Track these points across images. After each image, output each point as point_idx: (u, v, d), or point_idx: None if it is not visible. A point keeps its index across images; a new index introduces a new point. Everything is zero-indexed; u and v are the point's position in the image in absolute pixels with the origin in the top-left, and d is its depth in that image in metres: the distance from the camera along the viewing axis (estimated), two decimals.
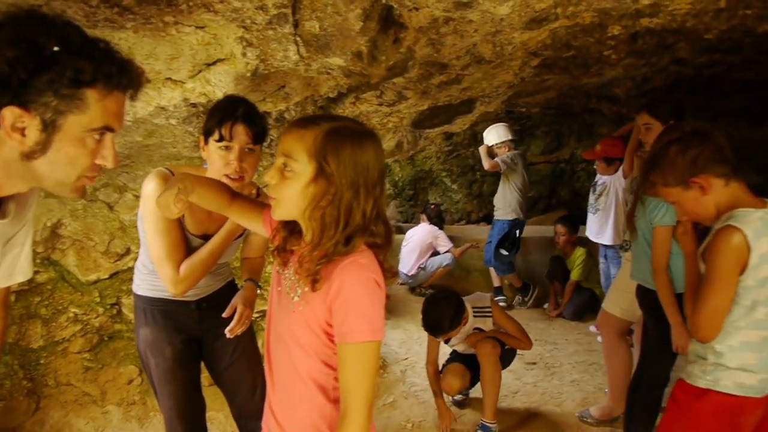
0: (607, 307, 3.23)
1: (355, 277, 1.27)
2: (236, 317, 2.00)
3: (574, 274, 5.12)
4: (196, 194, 1.58)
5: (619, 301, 3.14)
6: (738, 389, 1.64)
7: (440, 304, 3.02)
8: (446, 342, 3.20)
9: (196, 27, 1.70)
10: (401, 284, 5.59)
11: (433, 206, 5.86)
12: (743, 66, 3.31)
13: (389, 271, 1.38)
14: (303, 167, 1.25)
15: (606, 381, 3.48)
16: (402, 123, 2.92)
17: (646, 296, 2.65)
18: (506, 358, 3.22)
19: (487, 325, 3.16)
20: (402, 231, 5.86)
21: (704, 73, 3.48)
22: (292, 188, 1.26)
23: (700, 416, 1.71)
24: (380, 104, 2.60)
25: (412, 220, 6.90)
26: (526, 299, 5.49)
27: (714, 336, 1.63)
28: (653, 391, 2.70)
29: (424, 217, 5.77)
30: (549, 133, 6.10)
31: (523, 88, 3.11)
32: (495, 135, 5.23)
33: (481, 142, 5.39)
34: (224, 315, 1.99)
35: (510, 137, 5.24)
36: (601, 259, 4.46)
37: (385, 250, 1.38)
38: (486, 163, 5.26)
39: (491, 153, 5.28)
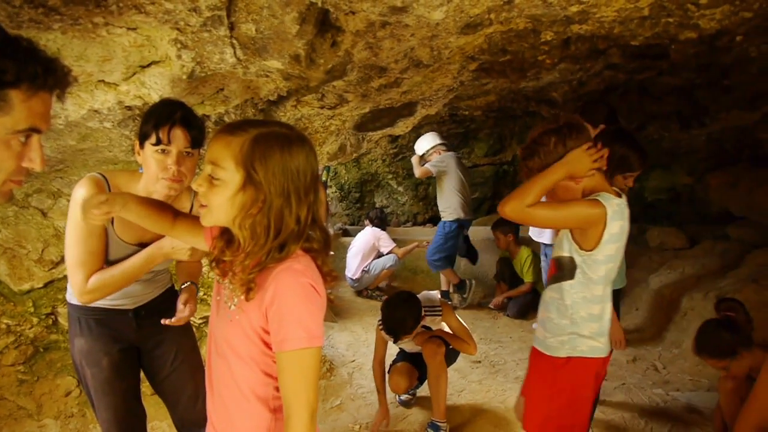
0: None
1: (290, 284, 1.26)
2: (178, 310, 1.95)
3: (528, 277, 5.21)
4: (136, 214, 1.55)
5: None
6: (591, 352, 1.91)
7: (403, 306, 3.03)
8: (394, 341, 3.22)
9: (128, 28, 1.67)
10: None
11: (375, 209, 5.91)
12: (672, 71, 3.46)
13: (329, 275, 1.37)
14: (231, 175, 1.23)
15: None
16: (344, 126, 2.93)
17: None
18: (450, 356, 3.25)
19: (435, 324, 3.19)
20: (349, 234, 5.86)
21: (636, 77, 3.62)
22: (221, 196, 1.24)
23: (564, 381, 1.94)
24: (322, 107, 2.60)
25: (359, 223, 6.92)
26: (464, 296, 5.54)
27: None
28: None
29: (368, 221, 5.81)
30: (492, 135, 6.23)
31: (464, 91, 3.17)
32: (424, 143, 5.30)
33: None
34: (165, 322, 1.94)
35: (439, 141, 5.29)
36: (543, 258, 4.57)
37: (323, 254, 1.37)
38: (417, 171, 5.35)
39: (424, 162, 5.36)
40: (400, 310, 3.02)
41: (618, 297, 2.72)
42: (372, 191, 7.16)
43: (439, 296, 3.44)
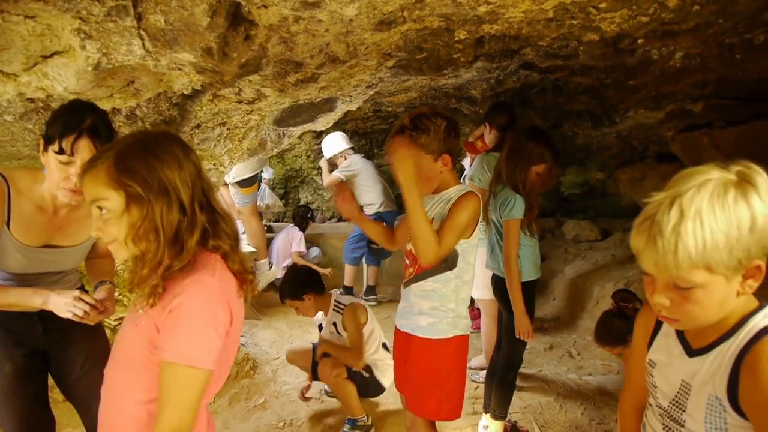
0: (476, 296, 3.60)
1: (194, 295, 1.23)
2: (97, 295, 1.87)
3: None
4: None
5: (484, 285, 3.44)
6: (466, 329, 2.13)
7: (294, 275, 3.25)
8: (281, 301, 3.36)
9: (26, 16, 1.59)
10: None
11: (300, 206, 5.88)
12: (583, 72, 3.62)
13: (244, 276, 1.36)
14: (114, 202, 1.23)
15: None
16: (264, 121, 2.90)
17: (498, 284, 2.84)
18: (368, 387, 3.29)
19: (339, 321, 3.24)
20: (272, 231, 5.80)
21: (550, 77, 3.75)
22: (117, 225, 1.24)
23: (452, 359, 2.12)
24: (239, 102, 2.57)
25: (284, 220, 6.84)
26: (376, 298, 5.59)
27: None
28: (508, 372, 2.91)
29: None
30: None
31: (384, 87, 3.20)
32: (331, 146, 5.34)
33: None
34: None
35: (345, 146, 5.34)
36: None
37: (236, 253, 1.35)
38: (325, 180, 5.38)
39: (333, 163, 5.38)
40: (289, 277, 3.24)
41: (533, 288, 2.83)
42: (297, 187, 7.09)
43: (356, 298, 3.55)
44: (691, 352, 1.15)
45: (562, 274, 5.40)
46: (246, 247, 4.81)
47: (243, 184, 4.72)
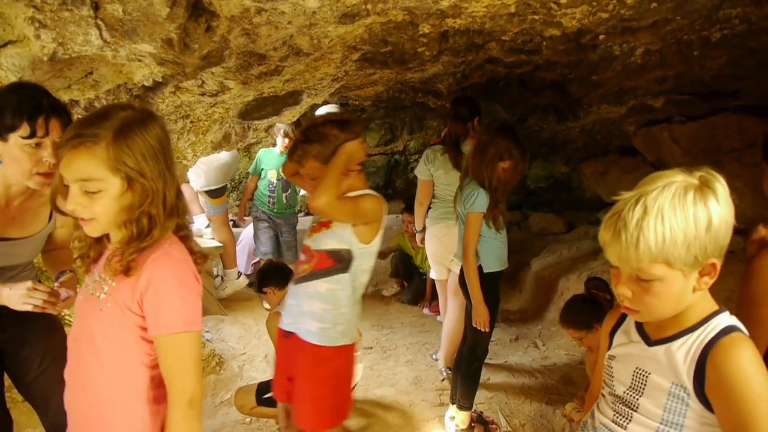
0: (439, 276, 3.75)
1: (166, 271, 1.26)
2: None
3: (428, 267, 5.28)
4: None
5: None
6: (352, 338, 2.10)
7: (273, 268, 3.18)
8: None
9: None
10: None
11: None
12: (547, 66, 3.66)
13: (198, 256, 1.40)
14: (109, 182, 1.21)
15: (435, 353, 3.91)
16: (228, 114, 2.87)
17: (462, 275, 2.87)
18: None
19: None
20: (237, 226, 5.74)
21: (515, 71, 3.79)
22: (106, 206, 1.23)
23: (343, 366, 2.10)
24: (203, 94, 2.53)
25: (249, 215, 6.75)
26: None
27: None
28: (473, 363, 2.94)
29: None
30: (383, 125, 6.31)
31: (350, 81, 3.19)
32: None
33: None
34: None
35: None
36: None
37: (190, 234, 1.39)
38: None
39: None
40: (267, 268, 3.20)
41: (497, 280, 2.87)
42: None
43: None
44: (650, 342, 1.20)
45: (528, 267, 5.48)
46: (209, 241, 4.77)
47: (212, 194, 4.70)
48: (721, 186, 1.09)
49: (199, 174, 4.49)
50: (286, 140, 4.59)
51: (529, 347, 4.32)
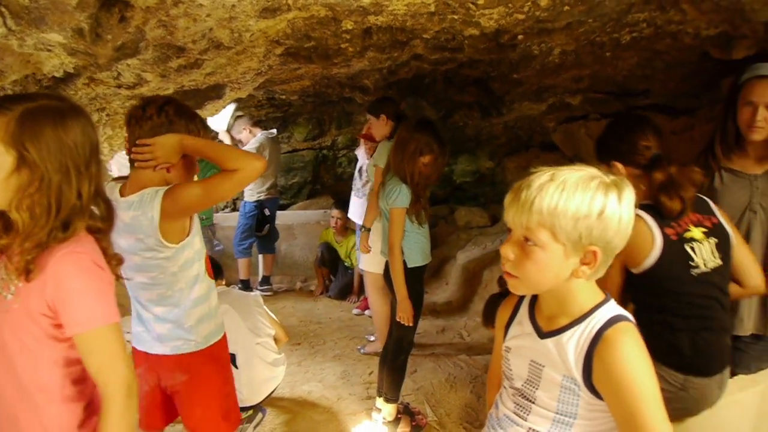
0: (367, 268, 3.83)
1: (73, 267, 1.23)
2: None
3: (357, 261, 5.28)
4: None
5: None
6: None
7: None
8: None
9: None
10: None
11: None
12: (471, 64, 3.75)
13: (114, 258, 1.36)
14: (0, 158, 1.17)
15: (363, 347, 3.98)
16: None
17: (387, 270, 2.91)
18: None
19: None
20: None
21: (440, 68, 3.86)
22: None
23: (225, 362, 2.11)
24: (119, 87, 2.44)
25: None
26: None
27: None
28: (399, 356, 2.99)
29: None
30: (311, 120, 6.28)
31: (276, 75, 3.15)
32: (224, 116, 5.14)
33: None
34: None
35: (239, 113, 5.21)
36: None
37: (107, 232, 1.35)
38: None
39: (234, 140, 5.26)
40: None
41: (421, 274, 2.93)
42: None
43: (247, 294, 3.53)
44: (542, 334, 1.26)
45: (454, 260, 5.61)
46: None
47: None
48: (629, 192, 1.15)
49: None
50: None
51: (454, 338, 4.43)
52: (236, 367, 2.79)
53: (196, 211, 1.89)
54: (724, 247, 1.90)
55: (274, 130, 5.35)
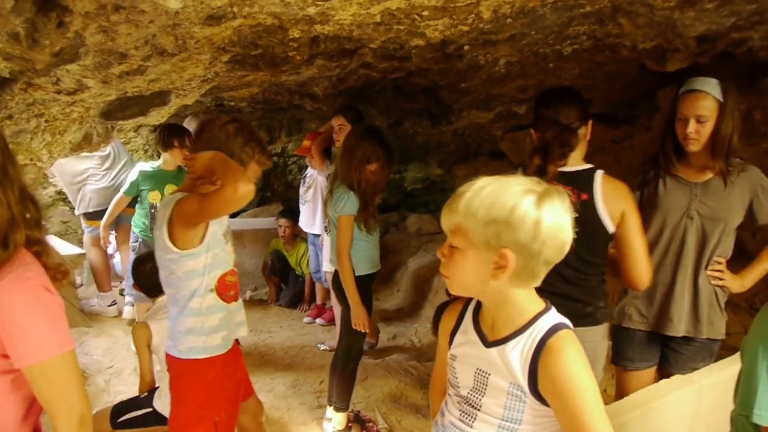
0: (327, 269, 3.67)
1: (22, 295, 1.18)
2: None
3: (306, 269, 5.23)
4: None
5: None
6: None
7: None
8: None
9: None
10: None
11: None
12: (419, 73, 3.79)
13: (58, 270, 1.31)
14: None
15: (318, 361, 3.90)
16: (89, 113, 2.70)
17: (336, 278, 2.91)
18: None
19: None
20: None
21: (389, 77, 3.89)
22: None
23: None
24: (58, 92, 2.37)
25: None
26: None
27: None
28: (348, 364, 2.99)
29: None
30: (260, 127, 6.21)
31: (223, 82, 3.12)
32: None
33: None
34: None
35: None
36: (311, 247, 4.73)
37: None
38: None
39: None
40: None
41: (369, 282, 2.93)
42: None
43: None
44: (487, 343, 1.28)
45: (406, 267, 5.64)
46: (70, 248, 4.48)
47: (90, 216, 4.51)
48: (552, 198, 1.17)
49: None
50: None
51: (406, 344, 4.45)
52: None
53: (198, 222, 1.91)
54: (583, 226, 1.99)
55: None
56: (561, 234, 1.17)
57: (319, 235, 4.51)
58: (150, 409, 2.67)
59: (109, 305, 4.62)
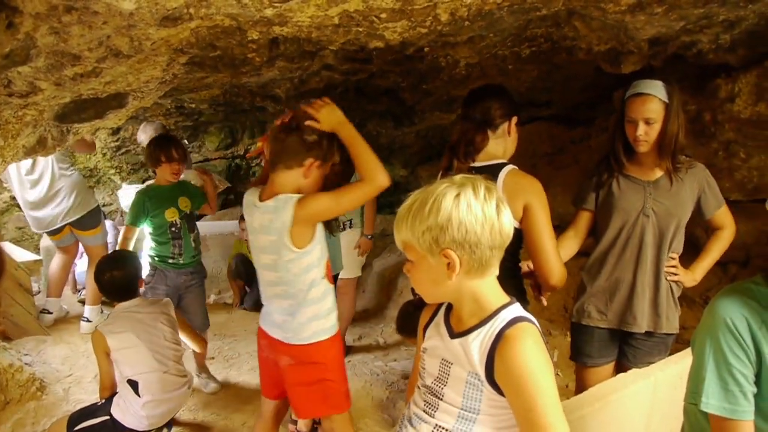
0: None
1: None
2: None
3: None
4: None
5: None
6: None
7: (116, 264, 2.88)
8: None
9: None
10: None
11: None
12: (381, 74, 3.81)
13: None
14: None
15: None
16: (43, 116, 2.63)
17: None
18: None
19: None
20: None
21: (352, 78, 3.90)
22: None
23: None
24: (10, 95, 2.31)
25: None
26: None
27: None
28: None
29: None
30: (223, 129, 6.16)
31: (182, 84, 3.08)
32: (144, 135, 4.90)
33: None
34: None
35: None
36: None
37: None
38: None
39: None
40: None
41: (335, 282, 2.93)
42: (93, 188, 6.54)
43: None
44: (453, 335, 1.32)
45: (371, 267, 5.65)
46: (27, 254, 4.37)
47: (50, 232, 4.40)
48: (469, 190, 1.23)
49: None
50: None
51: (371, 345, 4.46)
52: (138, 395, 2.65)
53: (324, 218, 2.17)
54: None
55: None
56: (490, 218, 1.22)
57: None
58: (107, 417, 2.63)
59: (44, 312, 4.44)
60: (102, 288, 2.83)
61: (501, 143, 2.23)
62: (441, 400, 1.32)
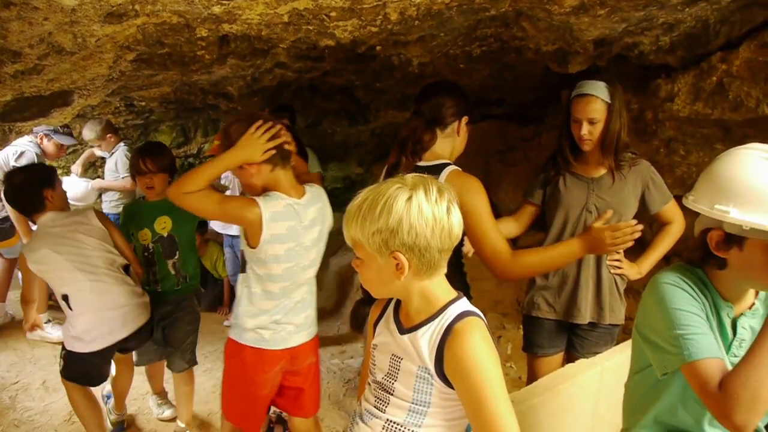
0: None
1: None
2: None
3: (223, 272, 5.14)
4: None
5: None
6: (256, 342, 2.24)
7: None
8: None
9: None
10: None
11: None
12: (335, 72, 3.81)
13: None
14: None
15: None
16: None
17: None
18: None
19: None
20: None
21: (305, 76, 3.89)
22: None
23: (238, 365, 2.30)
24: None
25: None
26: None
27: None
28: None
29: None
30: (175, 127, 6.04)
31: (130, 82, 3.02)
32: (90, 132, 4.83)
33: None
34: None
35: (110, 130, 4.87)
36: (228, 249, 4.65)
37: None
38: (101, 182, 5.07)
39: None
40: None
41: None
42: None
43: None
44: (402, 330, 1.34)
45: (327, 266, 5.65)
46: None
47: None
48: (421, 193, 1.22)
49: None
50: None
51: (328, 343, 4.46)
52: (71, 309, 2.58)
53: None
54: None
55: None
56: (440, 221, 1.23)
57: (237, 237, 4.43)
58: (65, 352, 2.68)
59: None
60: (10, 199, 2.75)
61: (449, 142, 2.18)
62: (391, 395, 1.34)
